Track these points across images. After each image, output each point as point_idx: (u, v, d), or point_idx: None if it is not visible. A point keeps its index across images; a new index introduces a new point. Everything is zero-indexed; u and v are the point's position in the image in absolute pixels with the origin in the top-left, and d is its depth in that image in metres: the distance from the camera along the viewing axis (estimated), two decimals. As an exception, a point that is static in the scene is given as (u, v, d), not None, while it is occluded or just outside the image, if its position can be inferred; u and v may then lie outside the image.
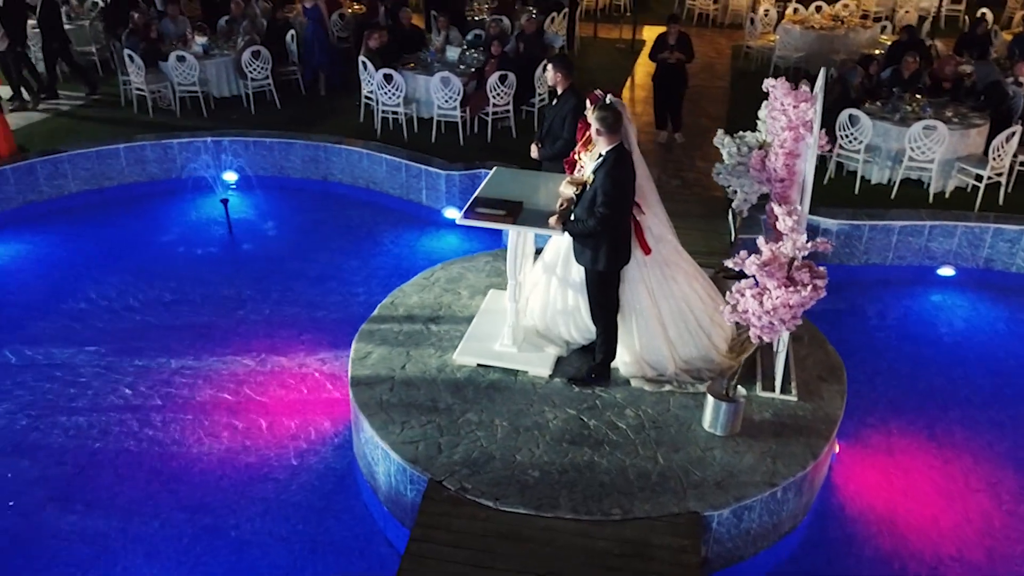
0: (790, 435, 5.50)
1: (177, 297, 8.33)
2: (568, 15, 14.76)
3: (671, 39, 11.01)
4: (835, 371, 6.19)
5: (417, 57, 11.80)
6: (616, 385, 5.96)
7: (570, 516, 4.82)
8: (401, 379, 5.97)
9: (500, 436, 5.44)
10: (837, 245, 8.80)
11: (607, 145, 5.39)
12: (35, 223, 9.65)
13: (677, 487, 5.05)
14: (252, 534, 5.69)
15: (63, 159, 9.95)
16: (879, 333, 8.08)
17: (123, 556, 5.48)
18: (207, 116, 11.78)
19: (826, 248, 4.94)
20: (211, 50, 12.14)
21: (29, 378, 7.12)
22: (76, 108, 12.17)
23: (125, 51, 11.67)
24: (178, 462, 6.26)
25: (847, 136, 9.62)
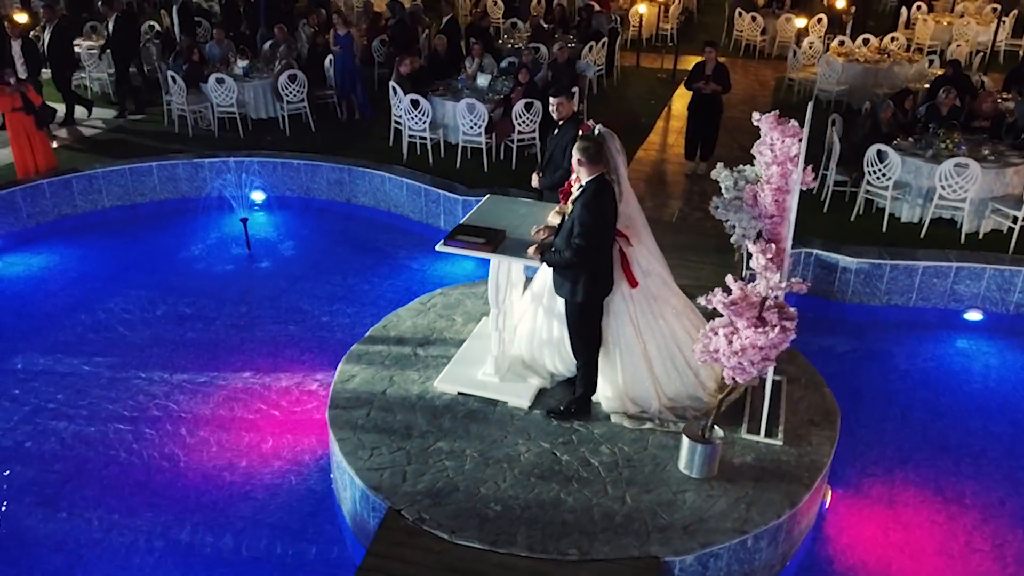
0: (770, 481, 5.29)
1: (190, 312, 8.50)
2: (607, 44, 14.73)
3: (708, 68, 10.87)
4: (829, 416, 5.94)
5: (448, 83, 11.92)
6: (596, 420, 5.83)
7: (525, 554, 4.71)
8: (380, 404, 5.96)
9: (468, 467, 5.36)
10: (857, 284, 8.51)
11: (588, 175, 5.32)
12: (68, 236, 10.01)
13: (641, 530, 4.89)
14: (225, 552, 5.71)
15: (98, 175, 10.31)
16: (895, 377, 7.75)
17: (96, 568, 5.56)
18: (244, 137, 12.10)
19: (800, 289, 4.76)
20: (250, 73, 12.48)
21: (39, 385, 7.34)
22: (123, 125, 12.62)
23: (169, 72, 12.09)
24: (163, 476, 6.35)
25: (875, 172, 9.32)
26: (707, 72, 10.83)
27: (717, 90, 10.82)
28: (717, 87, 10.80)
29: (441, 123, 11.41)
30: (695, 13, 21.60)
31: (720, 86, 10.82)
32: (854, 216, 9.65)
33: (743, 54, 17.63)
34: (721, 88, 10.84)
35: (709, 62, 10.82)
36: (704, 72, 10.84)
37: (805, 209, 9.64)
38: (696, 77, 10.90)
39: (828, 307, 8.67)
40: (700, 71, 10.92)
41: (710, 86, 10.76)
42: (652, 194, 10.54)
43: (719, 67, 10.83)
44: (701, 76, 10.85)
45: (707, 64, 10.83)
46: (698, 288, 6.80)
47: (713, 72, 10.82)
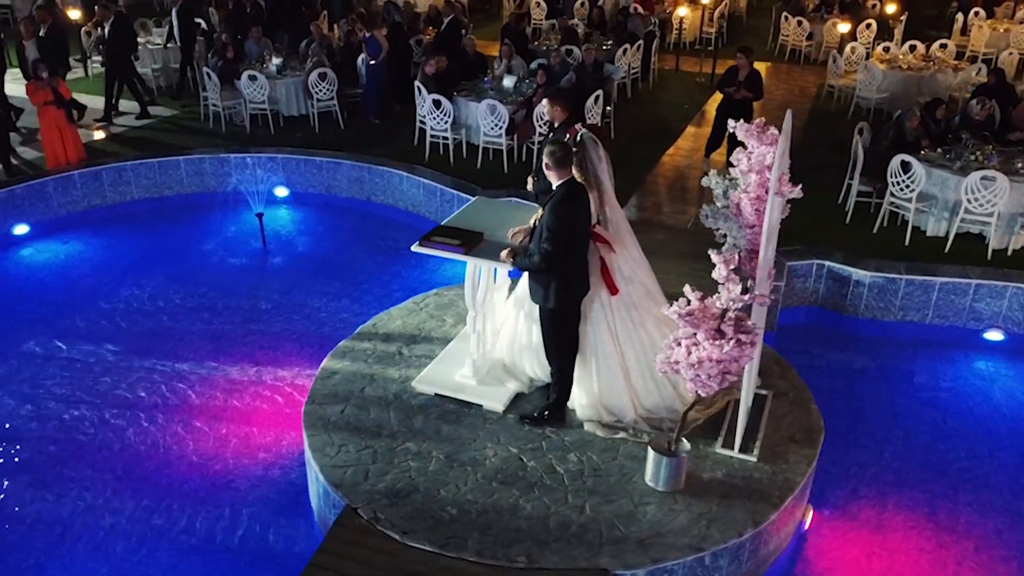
0: (736, 498, 5.15)
1: (200, 304, 8.70)
2: (643, 47, 14.56)
3: (741, 75, 10.69)
4: (811, 434, 5.76)
5: (473, 84, 11.94)
6: (569, 427, 5.77)
7: (474, 559, 4.68)
8: (356, 401, 6.00)
9: (432, 468, 5.36)
10: (870, 298, 8.24)
11: (557, 180, 5.27)
12: (95, 226, 10.33)
13: (595, 541, 4.81)
14: (199, 540, 5.82)
15: (127, 167, 10.63)
16: (902, 396, 7.47)
17: (75, 548, 5.72)
18: (274, 133, 12.31)
19: (763, 302, 4.63)
20: (283, 71, 12.70)
21: (48, 368, 7.60)
22: (162, 119, 12.97)
23: (204, 68, 12.39)
24: (151, 463, 6.50)
25: (898, 183, 9.00)
26: (740, 79, 10.65)
27: (748, 97, 10.62)
28: (748, 94, 10.61)
29: (464, 123, 11.44)
30: (744, 17, 21.20)
31: (751, 93, 10.62)
32: (877, 228, 9.33)
33: (788, 59, 17.23)
34: (752, 95, 10.65)
35: (742, 68, 10.68)
36: (736, 78, 10.67)
37: (826, 220, 9.52)
38: (728, 82, 10.75)
39: (840, 321, 8.42)
40: (733, 76, 10.77)
41: (740, 92, 10.58)
42: (672, 199, 10.39)
43: (752, 74, 10.66)
44: (733, 81, 10.69)
45: (740, 70, 10.66)
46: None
47: (746, 79, 10.65)
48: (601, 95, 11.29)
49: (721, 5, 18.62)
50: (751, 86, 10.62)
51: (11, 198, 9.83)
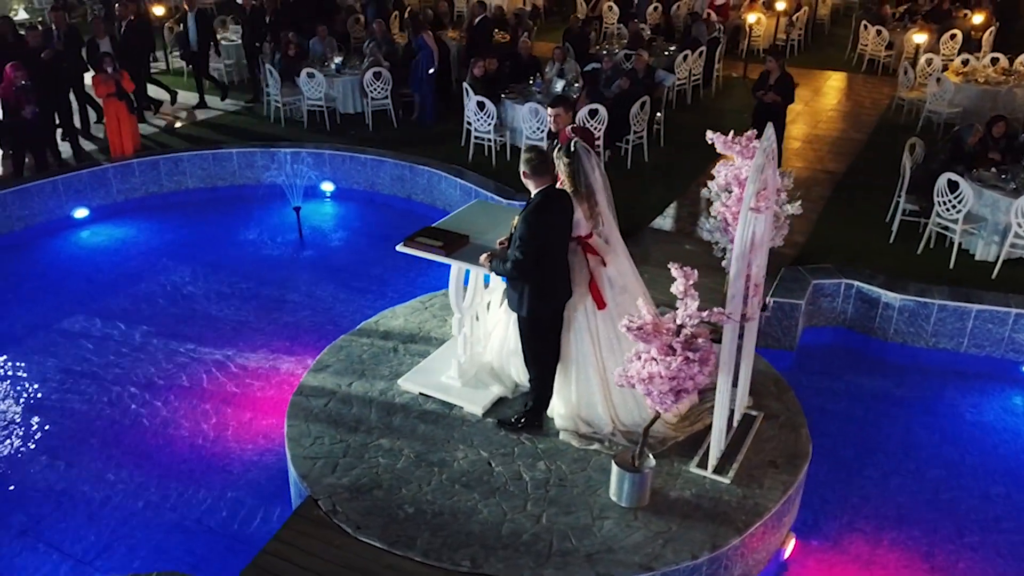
0: (699, 520, 5.01)
1: (231, 291, 9.03)
2: (706, 54, 14.27)
3: (771, 78, 10.48)
4: (794, 460, 5.54)
5: (523, 87, 11.96)
6: (546, 435, 5.73)
7: (419, 559, 4.71)
8: (341, 396, 6.12)
9: (400, 466, 5.42)
10: (900, 322, 7.86)
11: (534, 188, 5.24)
12: (149, 212, 10.86)
13: (543, 551, 4.77)
14: (185, 519, 6.05)
15: (183, 158, 11.12)
16: (921, 428, 7.10)
17: (71, 516, 6.03)
18: (329, 130, 12.64)
19: (720, 319, 4.48)
20: (342, 69, 13.03)
21: (78, 344, 8.04)
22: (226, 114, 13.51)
23: (267, 65, 12.84)
24: (155, 441, 6.80)
25: (945, 203, 8.55)
26: (770, 82, 10.43)
27: (777, 100, 10.43)
28: (777, 98, 10.42)
29: (510, 126, 11.48)
30: (828, 25, 20.48)
31: (780, 96, 10.40)
32: (921, 249, 8.89)
33: (866, 70, 16.56)
34: (781, 99, 10.43)
35: (772, 72, 10.55)
36: (767, 82, 10.45)
37: (871, 238, 9.13)
38: (759, 85, 10.56)
39: (867, 344, 8.06)
40: (764, 80, 10.56)
41: (770, 96, 10.41)
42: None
43: (783, 77, 10.52)
44: (764, 85, 10.48)
45: (770, 74, 10.47)
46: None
47: (776, 82, 10.45)
48: (648, 101, 11.13)
49: (800, 12, 18.06)
50: (781, 90, 10.43)
51: (75, 183, 10.43)
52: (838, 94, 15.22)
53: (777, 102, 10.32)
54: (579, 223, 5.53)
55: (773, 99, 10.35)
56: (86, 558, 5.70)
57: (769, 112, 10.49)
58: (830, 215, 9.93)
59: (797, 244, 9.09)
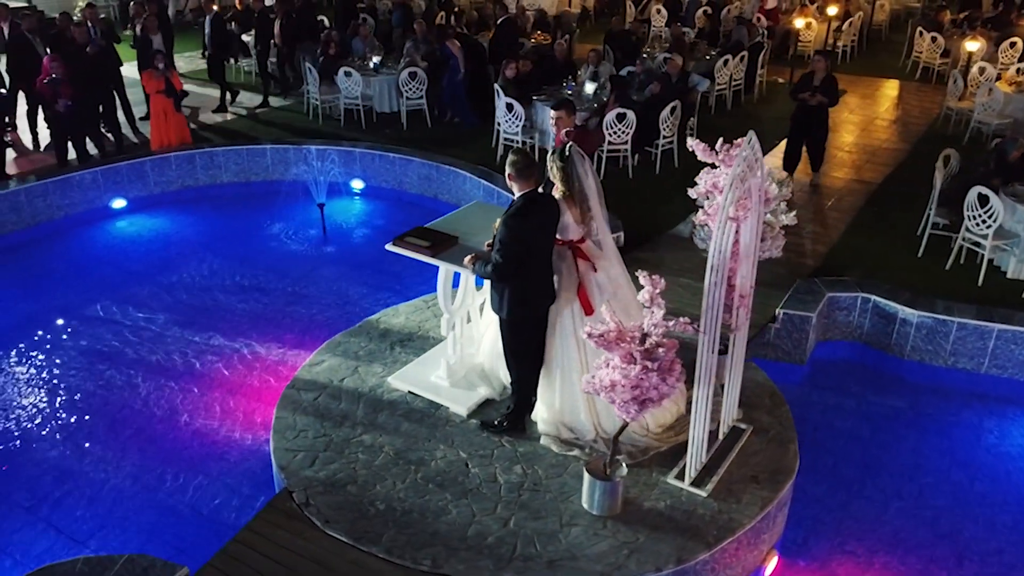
0: (669, 532, 4.94)
1: (252, 284, 9.23)
2: (749, 58, 14.02)
3: (816, 79, 10.24)
4: (777, 476, 5.41)
5: (554, 89, 11.94)
6: (528, 439, 5.72)
7: (382, 555, 4.75)
8: (332, 391, 6.20)
9: (377, 463, 5.47)
10: (918, 340, 7.59)
11: (517, 191, 5.23)
12: (184, 205, 11.17)
13: (505, 554, 4.76)
14: (177, 503, 6.21)
15: (218, 152, 11.41)
16: (931, 451, 6.85)
17: (72, 496, 6.24)
18: (365, 128, 12.83)
19: (685, 329, 4.40)
20: (380, 68, 13.20)
21: (102, 330, 8.32)
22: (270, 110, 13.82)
23: (307, 63, 13.09)
24: (161, 426, 6.99)
25: (975, 218, 8.23)
26: (815, 83, 10.19)
27: (823, 102, 10.19)
28: (823, 99, 10.17)
29: (539, 128, 11.47)
30: (885, 31, 19.91)
31: (826, 98, 10.16)
32: (950, 265, 8.58)
33: (920, 78, 16.05)
34: (827, 100, 10.18)
35: (818, 72, 10.32)
36: (811, 83, 10.22)
37: (900, 251, 8.84)
38: (803, 87, 10.31)
39: (883, 361, 7.81)
40: (808, 81, 10.32)
41: (815, 98, 10.21)
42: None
43: (828, 78, 10.29)
44: (808, 86, 10.25)
45: (816, 74, 10.22)
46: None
47: (821, 83, 10.19)
48: (679, 106, 10.99)
49: (855, 17, 17.60)
50: (826, 91, 10.20)
51: (114, 175, 10.79)
52: (886, 102, 14.78)
53: (823, 104, 10.11)
54: (569, 227, 5.51)
55: (820, 101, 10.15)
56: (80, 537, 5.90)
57: (811, 115, 10.33)
58: (859, 226, 9.66)
59: (819, 255, 8.89)
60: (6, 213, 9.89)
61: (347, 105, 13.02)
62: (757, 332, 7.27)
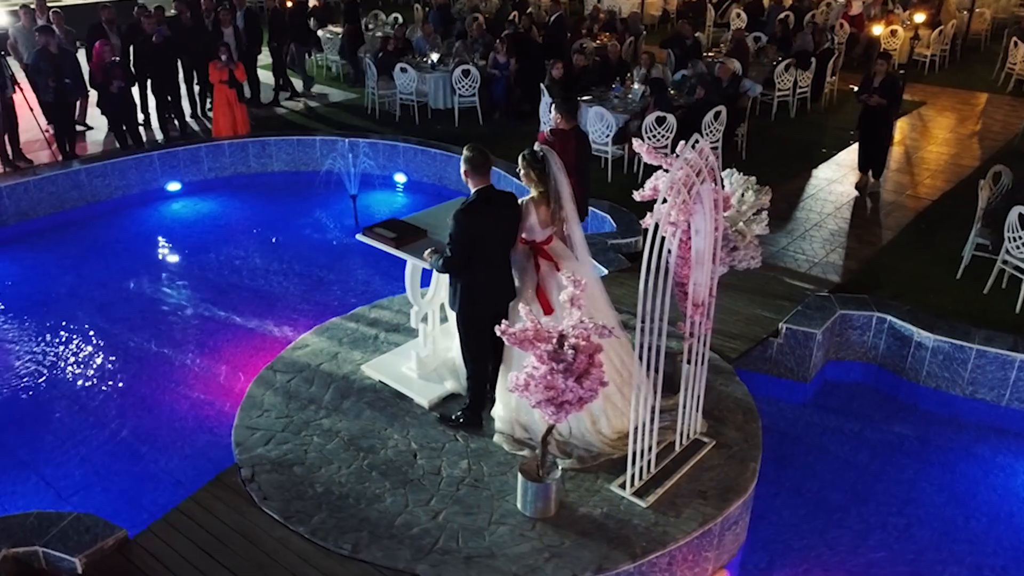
0: (597, 540, 4.83)
1: (280, 269, 9.55)
2: (816, 66, 13.48)
3: (876, 81, 9.96)
4: (726, 494, 5.21)
5: (601, 90, 11.83)
6: (482, 436, 5.70)
7: (306, 535, 4.84)
8: (307, 374, 6.36)
9: (329, 447, 5.58)
10: (933, 365, 7.14)
11: (472, 187, 5.23)
12: (234, 191, 11.65)
13: (426, 547, 4.77)
14: (160, 471, 6.48)
15: (270, 142, 11.85)
16: (929, 484, 6.44)
17: (67, 454, 6.60)
18: (418, 123, 13.07)
19: (602, 332, 4.29)
20: (437, 65, 13.40)
21: (132, 302, 8.80)
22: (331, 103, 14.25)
23: (367, 59, 13.43)
24: (163, 397, 7.32)
25: (1015, 239, 7.67)
26: (874, 84, 9.84)
27: (881, 103, 9.87)
28: (882, 100, 9.83)
29: (584, 129, 11.37)
30: (985, 40, 18.73)
31: (886, 100, 9.80)
32: (988, 288, 8.03)
33: (1012, 91, 15.04)
34: (887, 102, 9.82)
35: (879, 73, 10.08)
36: (871, 83, 9.88)
37: (935, 271, 8.34)
38: (864, 88, 10.09)
39: (897, 386, 7.39)
40: (869, 81, 10.01)
41: (873, 98, 9.88)
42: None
43: (888, 79, 9.98)
44: (868, 87, 9.94)
45: (876, 76, 9.96)
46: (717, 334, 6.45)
47: (880, 84, 9.85)
48: (723, 111, 10.69)
49: (946, 26, 16.65)
50: (886, 92, 9.90)
51: (170, 159, 11.37)
52: (965, 116, 13.93)
53: (882, 105, 9.84)
54: (534, 229, 5.47)
55: (877, 102, 9.94)
56: (65, 494, 6.26)
57: (874, 118, 10.06)
58: (900, 244, 9.17)
59: (848, 271, 8.49)
60: (68, 190, 10.56)
61: (403, 100, 13.28)
62: (753, 345, 7.01)
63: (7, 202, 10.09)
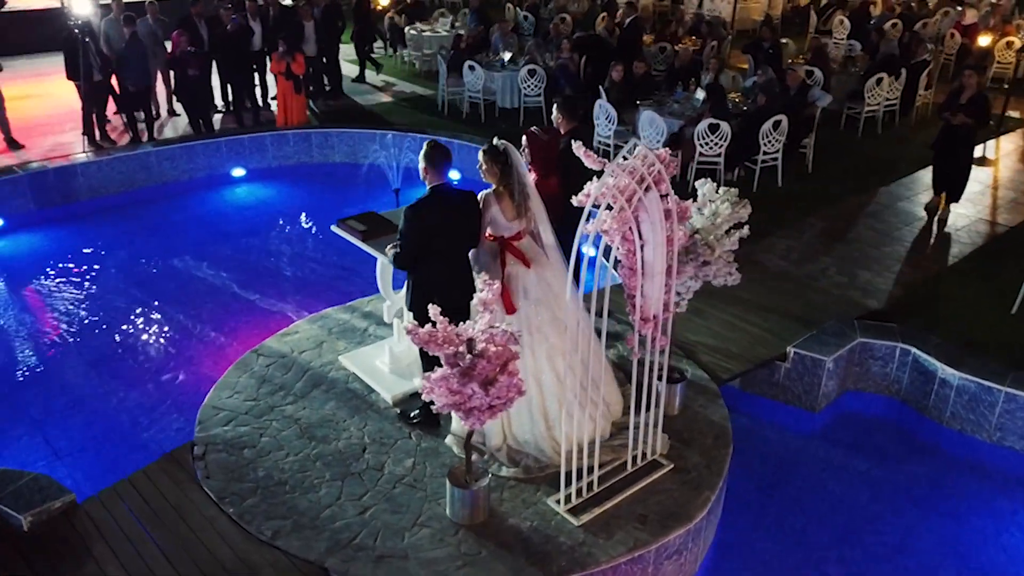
0: (517, 554, 4.66)
1: (314, 256, 9.77)
2: (907, 77, 12.60)
3: (963, 96, 9.10)
4: (668, 520, 4.92)
5: (662, 94, 11.49)
6: (436, 436, 5.63)
7: (234, 517, 4.91)
8: (286, 361, 6.46)
9: (283, 434, 5.63)
10: (958, 406, 6.52)
11: (428, 183, 5.17)
12: (295, 179, 12.01)
13: (343, 540, 4.73)
14: (151, 442, 6.63)
15: (332, 134, 12.15)
16: (931, 533, 5.87)
17: (72, 419, 6.92)
18: (483, 122, 13.09)
19: (507, 340, 4.12)
20: (507, 64, 13.38)
21: (168, 278, 9.16)
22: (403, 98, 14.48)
23: (439, 56, 13.56)
24: (176, 371, 7.53)
25: (1071, 273, 6.92)
26: (961, 101, 9.01)
27: (967, 123, 8.96)
28: (967, 120, 8.95)
29: (639, 132, 11.08)
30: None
31: (972, 119, 8.95)
32: (1015, 309, 7.32)
33: None
34: (972, 121, 8.95)
35: (967, 89, 9.13)
36: (958, 100, 9.05)
37: (987, 304, 7.64)
38: (948, 104, 9.20)
39: (920, 425, 6.81)
40: (955, 99, 9.14)
41: (958, 117, 8.98)
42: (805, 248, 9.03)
43: (977, 96, 9.02)
44: (953, 104, 9.09)
45: (964, 91, 9.06)
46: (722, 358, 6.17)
47: (968, 102, 8.98)
48: (784, 121, 10.14)
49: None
50: (973, 110, 8.96)
51: (236, 145, 11.84)
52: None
53: (967, 125, 8.95)
54: (497, 221, 5.34)
55: (962, 121, 9.01)
56: (60, 455, 6.61)
57: (954, 137, 9.18)
58: (957, 272, 8.45)
59: (891, 297, 7.87)
60: (137, 171, 11.17)
61: (471, 98, 13.33)
62: (752, 368, 6.62)
63: (81, 179, 10.77)
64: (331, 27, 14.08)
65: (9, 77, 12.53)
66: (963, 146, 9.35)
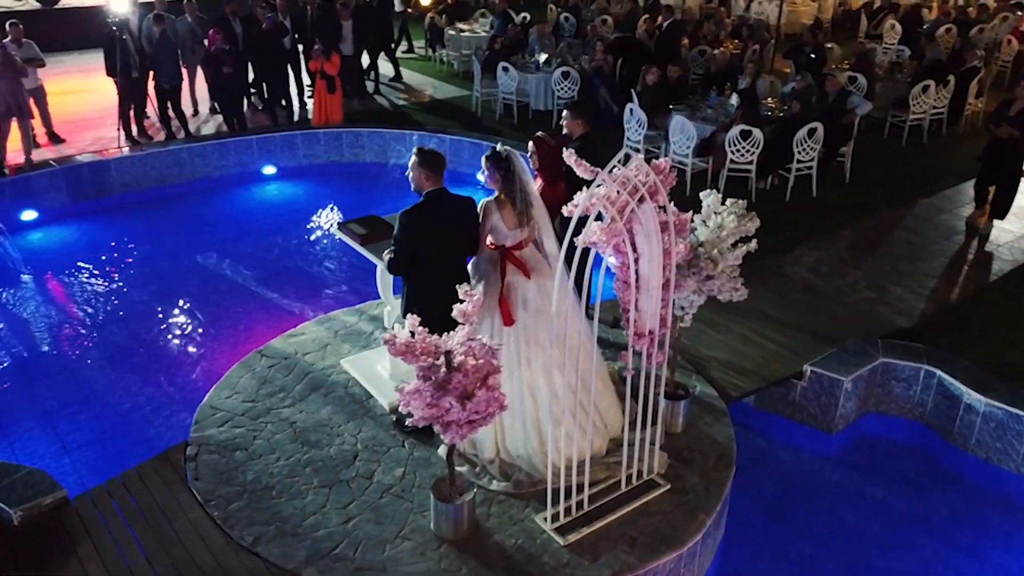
0: (497, 571, 4.53)
1: (333, 255, 9.77)
2: (955, 85, 12.11)
3: (1013, 108, 8.76)
4: (658, 545, 4.73)
5: (696, 99, 11.22)
6: (430, 446, 5.52)
7: (218, 521, 4.87)
8: (289, 363, 6.41)
9: (277, 437, 5.59)
10: (984, 433, 6.19)
11: (426, 188, 5.08)
12: (323, 178, 12.06)
13: (323, 550, 4.65)
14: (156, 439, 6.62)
15: (362, 133, 12.16)
16: (945, 568, 5.58)
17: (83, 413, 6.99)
18: (517, 124, 12.97)
19: (487, 352, 3.98)
20: (541, 66, 13.23)
21: (191, 275, 9.26)
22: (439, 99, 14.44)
23: (473, 57, 13.48)
24: (187, 367, 7.62)
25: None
26: (1010, 113, 8.65)
27: (1014, 135, 8.61)
28: (1014, 132, 8.59)
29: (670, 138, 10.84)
30: None
31: (1020, 131, 8.59)
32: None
33: None
34: (1019, 134, 8.60)
35: (1018, 100, 8.76)
36: (1007, 112, 8.68)
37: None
38: (997, 116, 8.84)
39: (944, 451, 6.48)
40: (1004, 110, 8.78)
41: (1004, 129, 8.62)
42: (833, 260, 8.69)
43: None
44: (1002, 116, 8.72)
45: (1014, 103, 8.71)
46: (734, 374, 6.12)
47: (1017, 114, 8.63)
48: (819, 129, 9.81)
49: None
50: (1022, 122, 8.57)
51: (267, 143, 11.92)
52: None
53: (1014, 137, 8.59)
54: (498, 229, 5.22)
55: (1008, 133, 8.64)
56: (68, 448, 6.68)
57: (1002, 150, 8.80)
58: (994, 290, 8.07)
59: (923, 314, 7.52)
60: (170, 167, 11.32)
61: (505, 100, 13.22)
62: (765, 386, 6.37)
63: (115, 174, 10.95)
64: (365, 27, 14.08)
65: (57, 73, 12.84)
66: (1011, 159, 8.95)
